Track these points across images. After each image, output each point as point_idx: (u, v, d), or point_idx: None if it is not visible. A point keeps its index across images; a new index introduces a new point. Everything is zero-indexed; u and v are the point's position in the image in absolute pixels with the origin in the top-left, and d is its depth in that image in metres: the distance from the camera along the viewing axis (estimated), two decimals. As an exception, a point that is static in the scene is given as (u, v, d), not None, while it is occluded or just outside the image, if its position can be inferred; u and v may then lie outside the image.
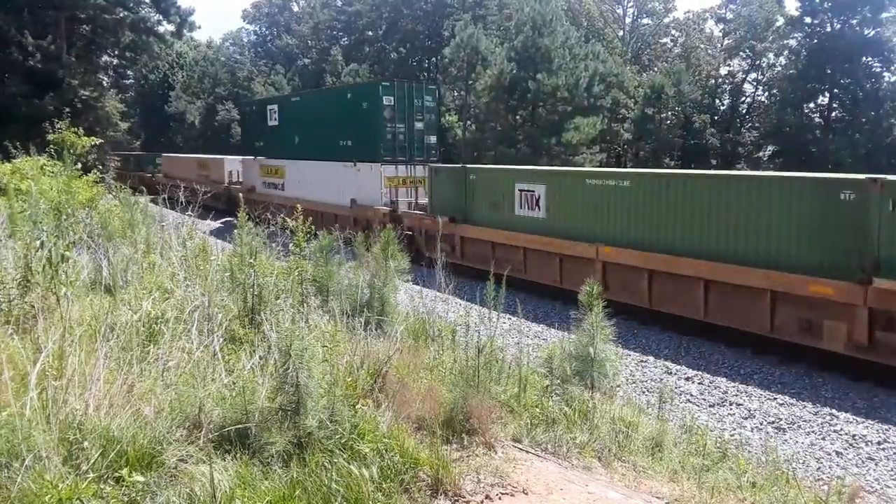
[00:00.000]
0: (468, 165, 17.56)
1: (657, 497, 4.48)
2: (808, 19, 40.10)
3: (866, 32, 37.72)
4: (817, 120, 41.09)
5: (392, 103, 20.64)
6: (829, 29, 39.13)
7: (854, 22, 38.01)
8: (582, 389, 5.67)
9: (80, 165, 10.08)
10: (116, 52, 36.97)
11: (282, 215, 6.87)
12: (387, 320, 6.01)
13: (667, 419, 6.78)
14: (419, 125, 21.22)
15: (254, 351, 4.57)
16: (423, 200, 19.09)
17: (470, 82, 41.83)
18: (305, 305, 5.63)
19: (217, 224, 24.12)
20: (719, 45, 53.53)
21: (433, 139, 21.84)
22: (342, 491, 3.46)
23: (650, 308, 12.04)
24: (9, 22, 27.29)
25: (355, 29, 64.76)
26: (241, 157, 32.67)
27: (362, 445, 3.82)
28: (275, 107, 28.28)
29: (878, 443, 7.66)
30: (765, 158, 45.00)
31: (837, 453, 7.50)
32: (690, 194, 11.37)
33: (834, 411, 8.48)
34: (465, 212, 16.38)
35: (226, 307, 5.36)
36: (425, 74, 57.55)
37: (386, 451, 3.84)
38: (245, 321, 5.31)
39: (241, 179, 31.32)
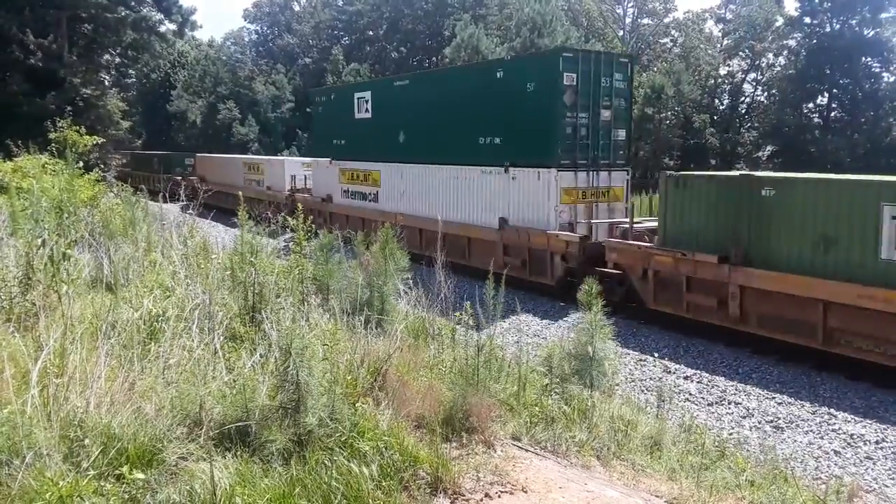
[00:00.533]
0: (756, 174, 11.61)
1: (656, 495, 4.50)
2: (807, 19, 40.14)
3: (865, 33, 37.74)
4: (816, 120, 41.14)
5: (574, 83, 14.35)
6: (828, 29, 39.16)
7: (853, 22, 38.04)
8: (581, 388, 5.68)
9: (81, 164, 10.11)
10: (118, 51, 37.05)
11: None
12: (387, 319, 6.02)
13: (665, 418, 6.81)
14: (606, 114, 14.93)
15: (254, 349, 4.58)
16: (643, 224, 13.53)
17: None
18: (306, 304, 5.65)
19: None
20: (719, 46, 53.55)
21: (622, 134, 15.48)
22: (342, 489, 3.48)
23: None
24: (10, 20, 27.30)
25: (356, 28, 64.86)
26: (307, 159, 26.94)
27: (362, 443, 3.83)
28: (366, 94, 21.48)
29: (876, 442, 7.68)
30: (764, 158, 45.06)
31: (836, 452, 7.53)
32: None
33: (832, 410, 8.50)
34: (750, 247, 10.63)
35: (226, 305, 5.38)
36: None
37: (386, 449, 3.86)
38: (246, 319, 5.33)
39: (309, 186, 25.45)
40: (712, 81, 50.01)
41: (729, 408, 8.79)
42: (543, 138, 14.68)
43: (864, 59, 37.87)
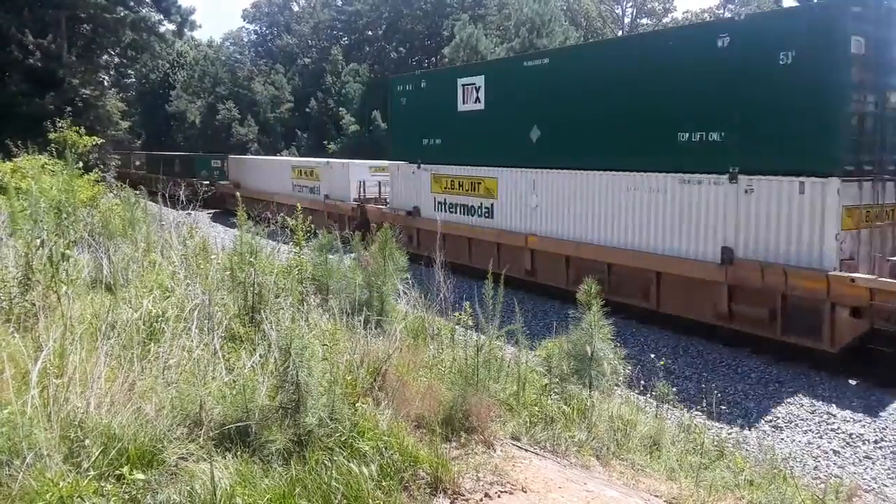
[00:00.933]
0: None
1: (655, 495, 4.50)
2: (807, 19, 40.17)
3: (865, 32, 37.77)
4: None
5: (862, 51, 9.66)
6: (828, 29, 39.18)
7: (853, 22, 38.07)
8: (580, 388, 5.69)
9: (80, 164, 10.12)
10: (117, 51, 37.05)
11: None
12: (386, 319, 6.03)
13: (665, 417, 6.81)
14: (895, 98, 10.41)
15: (254, 349, 4.59)
16: None
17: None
18: (305, 304, 5.65)
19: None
20: (719, 45, 53.55)
21: None
22: (342, 489, 3.48)
23: None
24: (9, 20, 27.30)
25: (355, 29, 64.92)
26: (382, 163, 22.40)
27: (362, 443, 3.84)
28: (477, 80, 16.45)
29: (875, 441, 7.69)
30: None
31: (835, 452, 7.53)
32: None
33: (831, 410, 8.50)
34: None
35: (226, 306, 5.39)
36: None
37: (385, 449, 3.86)
38: (245, 320, 5.33)
39: (384, 196, 21.35)
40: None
41: (728, 408, 8.79)
42: (812, 133, 9.84)
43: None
